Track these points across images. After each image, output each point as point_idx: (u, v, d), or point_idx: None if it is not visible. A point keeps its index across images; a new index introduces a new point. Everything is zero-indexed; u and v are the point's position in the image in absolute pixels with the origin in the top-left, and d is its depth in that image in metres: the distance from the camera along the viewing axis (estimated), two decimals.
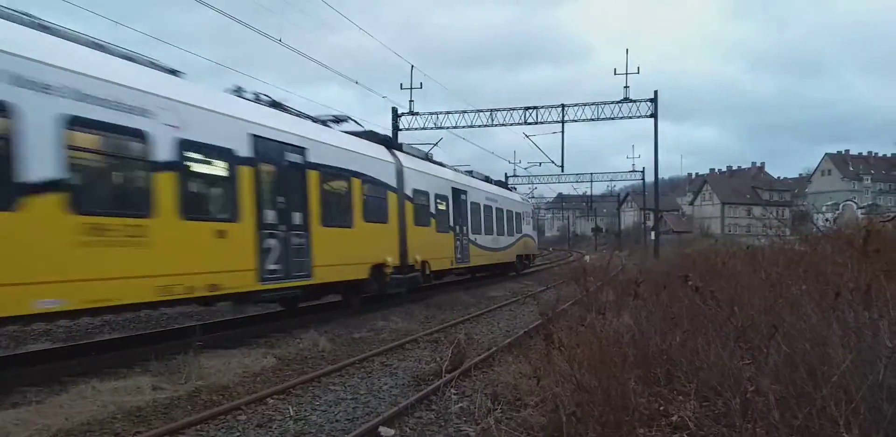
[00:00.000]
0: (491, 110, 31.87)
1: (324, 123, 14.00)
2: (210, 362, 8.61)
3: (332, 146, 12.79)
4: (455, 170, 22.27)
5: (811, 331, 4.62)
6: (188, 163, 8.93)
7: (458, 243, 19.85)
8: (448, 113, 31.89)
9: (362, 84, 27.77)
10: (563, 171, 37.38)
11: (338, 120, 14.64)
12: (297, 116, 12.77)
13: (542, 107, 31.53)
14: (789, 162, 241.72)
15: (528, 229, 31.33)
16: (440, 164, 20.55)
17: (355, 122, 15.40)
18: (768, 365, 4.44)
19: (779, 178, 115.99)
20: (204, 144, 9.19)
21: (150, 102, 8.27)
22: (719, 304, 5.94)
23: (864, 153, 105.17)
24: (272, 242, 10.53)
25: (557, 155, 34.64)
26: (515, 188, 37.45)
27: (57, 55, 7.29)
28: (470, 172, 24.15)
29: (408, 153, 17.39)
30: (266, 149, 10.54)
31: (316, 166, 11.96)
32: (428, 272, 16.91)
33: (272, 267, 10.46)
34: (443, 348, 8.96)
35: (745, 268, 9.15)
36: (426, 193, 17.45)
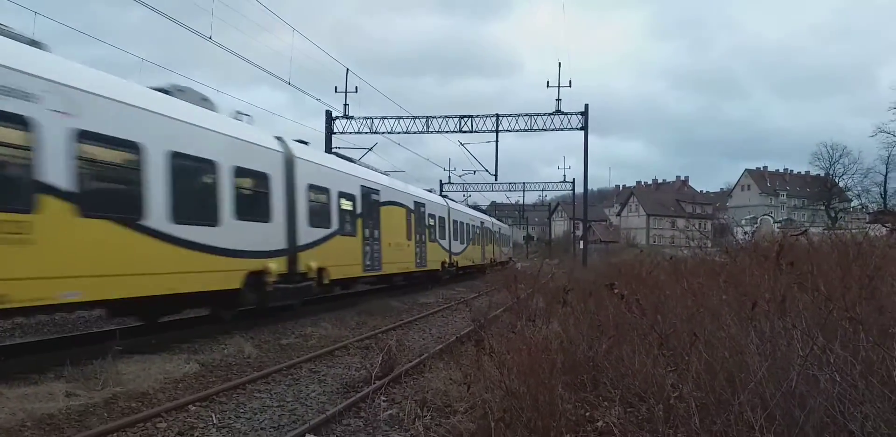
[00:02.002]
0: (427, 117, 31.99)
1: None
2: (129, 368, 8.28)
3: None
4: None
5: (730, 340, 4.80)
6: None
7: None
8: (383, 118, 31.81)
9: (295, 85, 27.34)
10: (496, 179, 37.94)
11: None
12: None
13: (477, 116, 31.90)
14: (711, 177, 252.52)
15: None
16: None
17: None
18: (690, 372, 4.58)
19: (702, 191, 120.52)
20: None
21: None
22: (644, 312, 6.11)
23: (781, 170, 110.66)
24: None
25: (491, 164, 35.14)
26: (448, 196, 37.58)
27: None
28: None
29: (306, 143, 15.45)
30: None
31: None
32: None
33: None
34: (373, 355, 8.90)
35: (668, 278, 9.45)
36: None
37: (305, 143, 15.58)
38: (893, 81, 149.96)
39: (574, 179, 56.53)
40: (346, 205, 16.45)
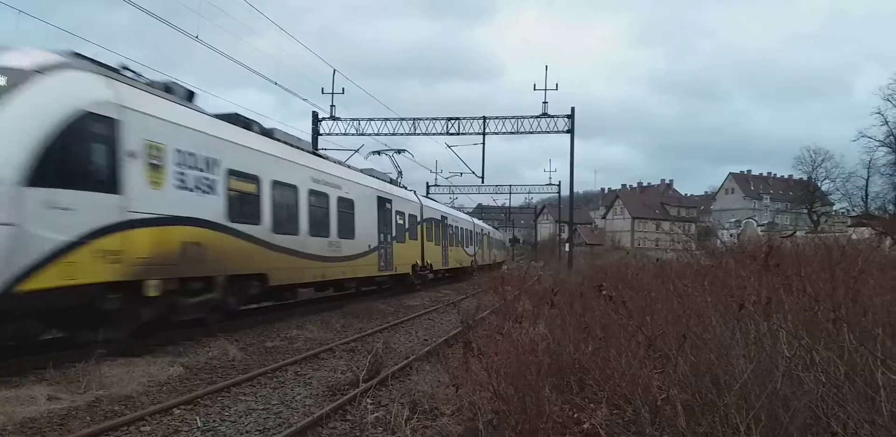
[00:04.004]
0: (414, 119, 31.96)
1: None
2: (112, 371, 8.19)
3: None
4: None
5: (716, 341, 4.84)
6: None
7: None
8: (370, 120, 31.73)
9: (282, 85, 27.24)
10: (483, 182, 37.97)
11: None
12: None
13: (463, 118, 31.88)
14: (696, 180, 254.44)
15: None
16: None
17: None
18: (676, 374, 4.61)
19: (686, 195, 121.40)
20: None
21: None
22: (630, 314, 6.14)
23: (765, 174, 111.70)
24: None
25: (478, 166, 35.17)
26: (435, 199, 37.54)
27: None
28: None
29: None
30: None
31: None
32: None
33: None
34: (360, 358, 8.87)
35: (654, 280, 9.52)
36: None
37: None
38: (869, 88, 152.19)
39: (560, 181, 56.77)
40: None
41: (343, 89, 30.96)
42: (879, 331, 4.03)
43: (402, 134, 32.06)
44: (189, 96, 12.09)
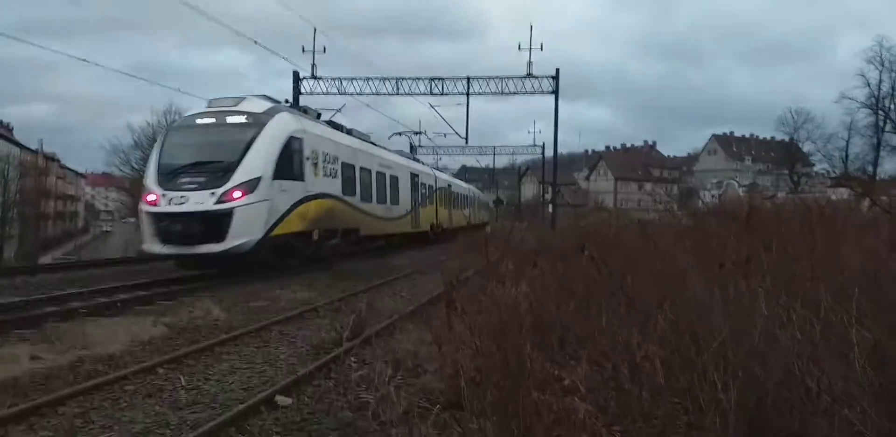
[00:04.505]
0: (397, 79, 31.52)
1: None
2: (95, 331, 8.18)
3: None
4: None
5: (695, 300, 4.90)
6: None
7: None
8: (352, 79, 31.28)
9: (262, 44, 26.62)
10: (467, 143, 37.85)
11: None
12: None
13: (447, 78, 31.53)
14: (679, 142, 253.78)
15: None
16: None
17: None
18: (655, 332, 4.68)
19: (669, 156, 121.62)
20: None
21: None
22: (611, 274, 6.20)
23: (747, 135, 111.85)
24: None
25: (462, 127, 34.98)
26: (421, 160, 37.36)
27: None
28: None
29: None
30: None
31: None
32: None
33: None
34: (343, 317, 8.90)
35: (636, 240, 9.58)
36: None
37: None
38: (851, 51, 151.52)
39: (544, 143, 56.70)
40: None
41: (324, 48, 30.38)
42: (855, 290, 4.09)
43: (384, 94, 31.70)
44: (318, 115, 19.85)
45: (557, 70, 31.75)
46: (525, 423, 4.02)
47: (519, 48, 31.80)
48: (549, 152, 45.52)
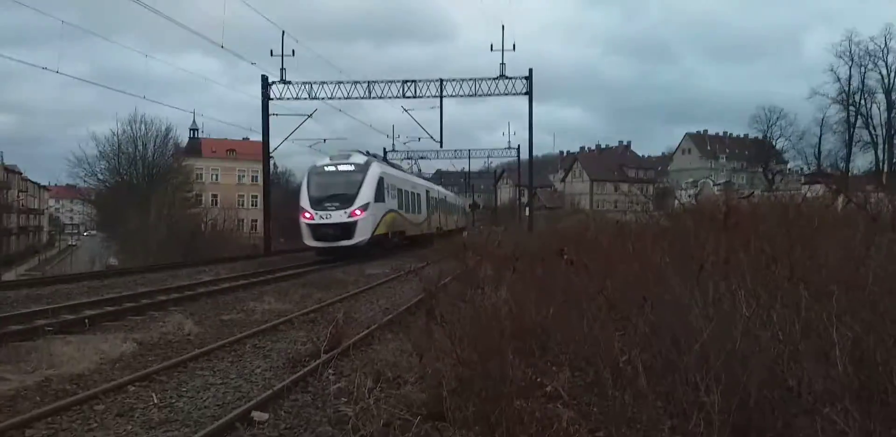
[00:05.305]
0: (368, 82, 31.48)
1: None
2: (62, 349, 8.03)
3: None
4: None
5: (675, 302, 4.94)
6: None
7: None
8: (323, 83, 31.17)
9: (228, 48, 26.47)
10: (441, 146, 37.93)
11: None
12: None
13: (420, 81, 31.56)
14: (653, 142, 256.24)
15: None
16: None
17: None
18: (637, 335, 4.71)
19: (644, 156, 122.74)
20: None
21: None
22: (591, 276, 6.22)
23: (721, 133, 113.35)
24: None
25: (435, 131, 34.98)
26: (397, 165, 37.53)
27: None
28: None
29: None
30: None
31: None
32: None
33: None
34: (320, 329, 8.84)
35: (614, 242, 9.65)
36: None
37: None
38: (819, 47, 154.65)
39: (519, 145, 56.78)
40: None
41: (293, 51, 30.28)
42: (834, 288, 4.15)
43: (356, 98, 31.62)
44: (384, 157, 40.10)
45: (531, 70, 31.98)
46: (509, 432, 4.01)
47: (491, 49, 32.01)
48: (525, 155, 45.75)
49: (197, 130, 75.63)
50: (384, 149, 51.04)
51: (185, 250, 41.34)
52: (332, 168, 24.91)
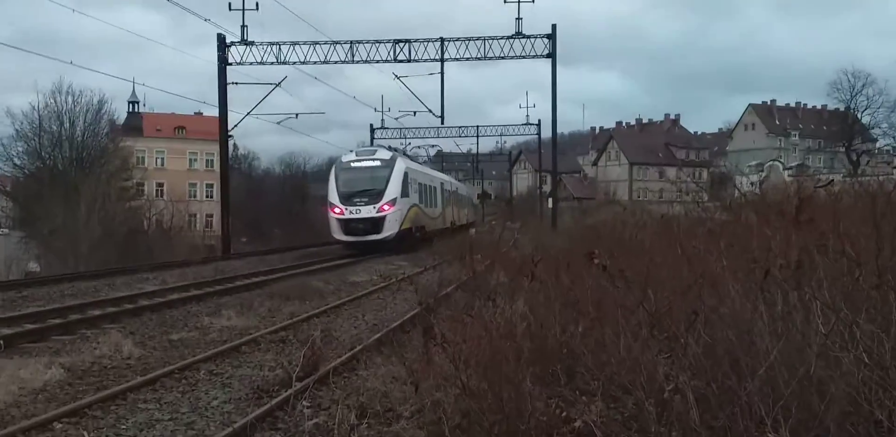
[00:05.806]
0: (351, 42, 31.43)
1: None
2: None
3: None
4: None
5: (735, 317, 4.94)
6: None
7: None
8: (294, 44, 31.21)
9: (175, 2, 26.33)
10: (442, 123, 37.96)
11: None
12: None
13: (416, 41, 31.45)
14: (708, 115, 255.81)
15: None
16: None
17: None
18: (686, 358, 4.72)
19: (696, 133, 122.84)
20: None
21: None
22: (629, 286, 6.23)
23: (793, 104, 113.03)
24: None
25: (435, 103, 34.93)
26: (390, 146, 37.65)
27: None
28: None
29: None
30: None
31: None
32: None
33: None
34: (292, 350, 8.88)
35: (658, 242, 9.66)
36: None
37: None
38: None
39: (539, 120, 56.74)
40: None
41: (257, 4, 30.10)
42: None
43: (335, 62, 31.57)
44: (404, 151, 44.74)
45: (554, 27, 31.94)
46: None
47: (504, 1, 31.84)
48: (547, 132, 45.76)
49: (137, 102, 76.06)
50: (371, 126, 51.21)
51: (124, 253, 41.52)
52: (358, 164, 31.21)
